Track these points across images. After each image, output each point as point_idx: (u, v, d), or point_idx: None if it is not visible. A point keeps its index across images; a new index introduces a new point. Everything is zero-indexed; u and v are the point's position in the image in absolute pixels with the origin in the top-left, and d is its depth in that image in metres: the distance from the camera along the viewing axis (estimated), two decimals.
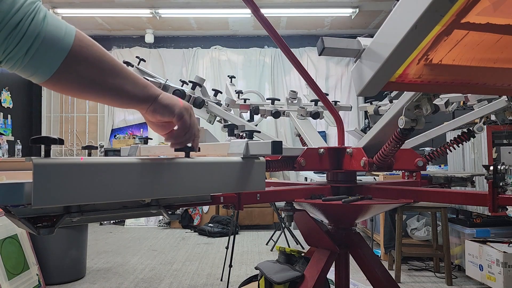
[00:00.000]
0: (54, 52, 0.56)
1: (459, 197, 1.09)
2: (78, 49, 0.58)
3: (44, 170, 0.53)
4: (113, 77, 0.63)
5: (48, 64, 0.56)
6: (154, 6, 5.51)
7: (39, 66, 0.56)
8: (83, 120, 6.54)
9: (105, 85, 0.63)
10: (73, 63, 0.58)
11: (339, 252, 1.28)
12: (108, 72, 0.63)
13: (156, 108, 0.70)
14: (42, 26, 0.54)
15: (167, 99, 0.71)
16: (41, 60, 0.55)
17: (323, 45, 0.84)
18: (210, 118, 1.77)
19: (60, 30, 0.56)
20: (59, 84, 0.60)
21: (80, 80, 0.60)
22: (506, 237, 3.08)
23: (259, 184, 0.83)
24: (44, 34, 0.54)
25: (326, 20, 6.04)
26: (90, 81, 0.61)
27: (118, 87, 0.64)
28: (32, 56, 0.54)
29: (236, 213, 3.48)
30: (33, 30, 0.53)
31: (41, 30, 0.54)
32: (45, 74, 0.57)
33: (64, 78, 0.59)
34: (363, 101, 5.98)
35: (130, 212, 0.74)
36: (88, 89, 0.62)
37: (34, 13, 0.53)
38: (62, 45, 0.56)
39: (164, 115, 0.71)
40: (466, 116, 1.63)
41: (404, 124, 0.97)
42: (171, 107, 0.71)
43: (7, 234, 2.74)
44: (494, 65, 0.84)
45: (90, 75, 0.61)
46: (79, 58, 0.59)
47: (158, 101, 0.70)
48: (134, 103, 0.68)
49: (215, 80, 6.35)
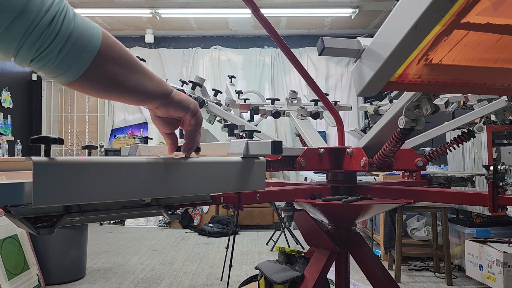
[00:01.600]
0: (85, 51, 0.56)
1: (459, 197, 1.09)
2: (105, 48, 0.59)
3: (44, 170, 0.53)
4: (134, 74, 0.64)
5: (78, 64, 0.56)
6: (154, 6, 5.51)
7: (70, 66, 0.55)
8: (83, 120, 6.54)
9: (127, 83, 0.63)
10: (101, 62, 0.58)
11: (339, 252, 1.28)
12: (130, 69, 0.63)
13: (170, 103, 0.70)
14: (73, 24, 0.54)
15: (180, 95, 0.72)
16: (72, 60, 0.55)
17: (323, 45, 0.84)
18: (210, 118, 1.77)
19: (89, 30, 0.56)
20: (85, 83, 0.59)
21: (105, 78, 0.60)
22: (506, 237, 3.08)
23: (259, 184, 0.83)
24: (76, 33, 0.54)
25: (326, 20, 6.04)
26: (114, 79, 0.61)
27: (138, 84, 0.65)
28: (64, 55, 0.54)
29: (236, 213, 3.48)
30: (66, 28, 0.52)
31: (74, 29, 0.53)
32: (74, 74, 0.56)
33: (91, 77, 0.59)
34: (363, 101, 5.98)
35: (130, 212, 0.74)
36: (112, 88, 0.62)
37: (65, 12, 0.53)
38: (92, 44, 0.56)
39: (178, 109, 0.71)
40: (466, 116, 1.63)
41: (404, 124, 0.97)
42: (185, 102, 0.72)
43: (7, 234, 2.74)
44: (494, 65, 0.84)
45: (115, 73, 0.61)
46: (106, 57, 0.59)
47: (172, 96, 0.71)
48: (150, 99, 0.68)
49: (215, 80, 6.36)
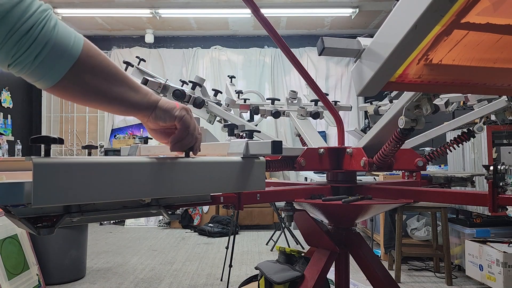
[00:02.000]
0: (62, 59, 0.57)
1: (459, 197, 1.09)
2: (85, 58, 0.60)
3: (44, 170, 0.53)
4: (117, 86, 0.65)
5: (55, 71, 0.57)
6: (154, 6, 5.51)
7: (46, 73, 0.57)
8: (83, 120, 6.54)
9: (109, 94, 0.64)
10: (79, 71, 0.59)
11: (339, 252, 1.28)
12: (113, 81, 0.64)
13: (157, 115, 0.71)
14: (52, 34, 0.55)
15: (166, 103, 0.72)
16: (48, 67, 0.56)
17: (323, 45, 0.84)
18: (210, 118, 1.77)
19: (69, 39, 0.58)
20: (64, 91, 0.61)
21: (85, 88, 0.62)
22: (506, 237, 3.08)
23: (259, 184, 0.83)
24: (54, 42, 0.56)
25: (326, 20, 6.04)
26: (95, 89, 0.62)
27: (122, 96, 0.66)
28: (40, 62, 0.55)
29: (236, 213, 3.48)
30: (42, 37, 0.54)
31: (51, 38, 0.55)
32: (51, 80, 0.58)
33: (70, 85, 0.60)
34: (363, 101, 5.98)
35: (130, 212, 0.74)
36: (93, 97, 0.64)
37: (45, 21, 0.55)
38: (70, 53, 0.58)
39: (166, 120, 0.71)
40: (466, 116, 1.63)
41: (404, 124, 0.97)
42: (170, 110, 0.71)
43: (7, 234, 2.74)
44: (494, 65, 0.84)
45: (95, 83, 0.62)
46: (86, 66, 0.60)
47: (159, 107, 0.71)
48: (137, 111, 0.69)
49: (215, 80, 6.35)
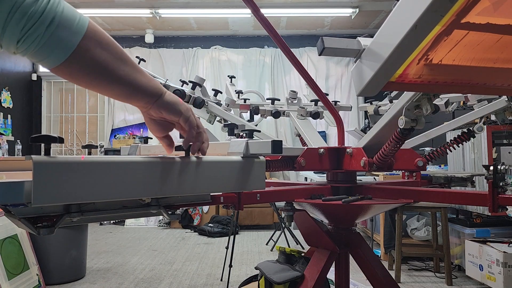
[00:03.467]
0: (71, 32, 0.57)
1: (459, 197, 1.09)
2: (92, 32, 0.60)
3: (44, 169, 0.53)
4: (124, 64, 0.64)
5: (65, 44, 0.57)
6: (154, 6, 5.51)
7: (56, 46, 0.56)
8: (83, 120, 6.54)
9: (117, 72, 0.63)
10: (88, 45, 0.59)
11: (339, 252, 1.28)
12: (120, 59, 0.64)
13: (162, 104, 0.70)
14: (58, 8, 0.56)
15: (172, 96, 0.72)
16: (58, 41, 0.56)
17: (323, 45, 0.84)
18: (210, 118, 1.77)
19: (75, 16, 0.58)
20: (72, 68, 0.60)
21: (94, 64, 0.60)
22: (506, 237, 3.08)
23: (259, 184, 0.84)
24: (61, 16, 0.56)
25: (326, 20, 6.04)
26: (103, 66, 0.61)
27: (129, 76, 0.65)
28: (50, 35, 0.55)
29: (236, 213, 3.48)
30: (51, 8, 0.55)
31: (57, 12, 0.56)
32: (61, 55, 0.57)
33: (78, 61, 0.59)
34: (363, 101, 5.98)
35: (130, 212, 0.74)
36: (101, 76, 0.62)
37: None
38: (78, 27, 0.58)
39: (171, 111, 0.71)
40: (466, 116, 1.63)
41: (404, 124, 0.97)
42: (177, 104, 0.71)
43: (7, 234, 2.74)
44: (494, 65, 0.84)
45: (104, 59, 0.61)
46: (94, 41, 0.60)
47: (165, 96, 0.71)
48: (141, 94, 0.68)
49: (215, 80, 6.35)
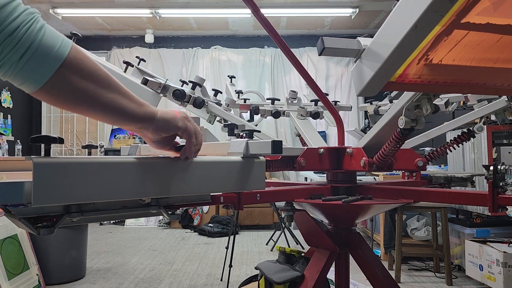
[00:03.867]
0: (47, 61, 0.56)
1: (459, 197, 1.09)
2: (73, 60, 0.58)
3: (44, 169, 0.53)
4: (108, 92, 0.63)
5: (40, 72, 0.56)
6: (154, 6, 5.51)
7: (31, 75, 0.55)
8: (83, 120, 6.54)
9: (100, 99, 0.62)
10: (66, 73, 0.58)
11: (339, 252, 1.28)
12: (104, 86, 0.62)
13: (159, 126, 0.70)
14: (37, 35, 0.55)
15: (165, 113, 0.72)
16: (33, 69, 0.55)
17: (323, 45, 0.84)
18: (210, 118, 1.77)
19: (56, 41, 0.57)
20: (51, 95, 0.59)
21: (73, 92, 0.59)
22: (506, 237, 3.08)
23: (259, 184, 0.84)
24: (39, 43, 0.55)
25: (326, 20, 6.04)
26: (84, 93, 0.60)
27: (114, 102, 0.64)
28: (25, 63, 0.54)
29: (236, 213, 3.48)
30: (27, 38, 0.54)
31: (36, 39, 0.55)
32: (37, 82, 0.56)
33: (57, 88, 0.58)
34: (363, 101, 5.98)
35: (130, 212, 0.74)
36: (82, 103, 0.62)
37: (31, 23, 0.54)
38: (56, 55, 0.56)
39: (169, 130, 0.71)
40: (466, 116, 1.63)
41: (404, 124, 0.97)
42: (173, 121, 0.71)
43: (7, 234, 2.74)
44: (494, 65, 0.84)
45: (84, 87, 0.60)
46: (73, 69, 0.59)
47: (159, 118, 0.70)
48: (131, 121, 0.67)
49: (215, 80, 6.35)
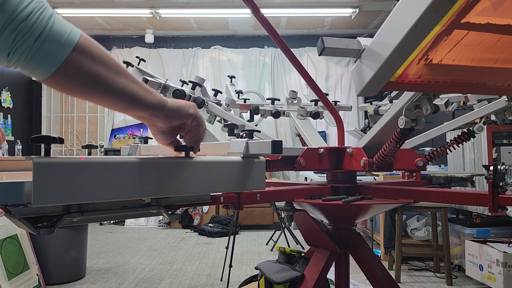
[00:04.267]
0: (60, 46, 0.57)
1: (459, 197, 1.09)
2: (84, 45, 0.59)
3: (44, 169, 0.53)
4: (118, 76, 0.63)
5: (54, 57, 0.56)
6: (154, 6, 5.51)
7: (45, 59, 0.56)
8: (83, 120, 6.54)
9: (110, 84, 0.62)
10: (79, 57, 0.58)
11: (339, 252, 1.28)
12: (113, 70, 0.63)
13: (170, 113, 0.70)
14: (49, 21, 0.56)
15: (175, 102, 0.72)
16: (47, 53, 0.56)
17: (323, 45, 0.84)
18: (210, 118, 1.77)
19: (66, 29, 0.58)
20: (63, 80, 0.59)
21: (86, 76, 0.60)
22: (506, 237, 3.08)
23: (259, 184, 0.83)
24: (50, 29, 0.56)
25: (326, 20, 6.04)
26: (95, 77, 0.61)
27: (125, 87, 0.64)
28: (38, 48, 0.55)
29: (236, 213, 3.48)
30: (39, 23, 0.55)
31: (48, 25, 0.56)
32: (50, 67, 0.57)
33: (68, 73, 0.58)
34: (363, 101, 5.98)
35: (130, 212, 0.74)
36: (95, 87, 0.62)
37: (42, 10, 0.56)
38: (68, 39, 0.57)
39: (181, 117, 0.71)
40: (466, 116, 1.63)
41: (404, 124, 0.97)
42: (184, 108, 0.71)
43: (7, 234, 2.74)
44: (494, 65, 0.84)
45: (96, 70, 0.60)
46: (85, 53, 0.59)
47: (170, 105, 0.70)
48: (141, 107, 0.67)
49: (215, 80, 6.35)
